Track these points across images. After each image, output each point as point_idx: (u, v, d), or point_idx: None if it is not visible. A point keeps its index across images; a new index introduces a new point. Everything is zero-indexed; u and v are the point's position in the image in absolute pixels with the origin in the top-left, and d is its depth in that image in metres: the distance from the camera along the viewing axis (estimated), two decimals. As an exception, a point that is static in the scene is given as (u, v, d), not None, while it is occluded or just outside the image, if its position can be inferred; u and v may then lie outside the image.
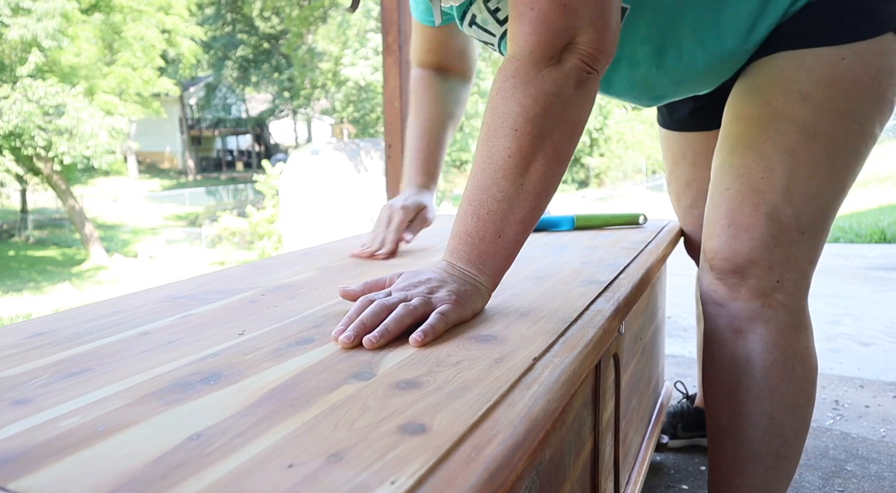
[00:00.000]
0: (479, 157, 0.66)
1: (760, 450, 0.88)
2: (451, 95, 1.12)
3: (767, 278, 0.84)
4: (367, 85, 19.73)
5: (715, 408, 0.92)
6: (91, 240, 17.10)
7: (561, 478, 0.57)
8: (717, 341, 0.90)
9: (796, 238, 0.83)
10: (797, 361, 0.87)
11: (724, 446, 0.91)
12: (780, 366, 0.86)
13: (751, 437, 0.88)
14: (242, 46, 25.04)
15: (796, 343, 0.86)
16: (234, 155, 29.91)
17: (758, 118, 0.84)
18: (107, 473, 0.33)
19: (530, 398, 0.42)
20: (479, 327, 0.59)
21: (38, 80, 14.41)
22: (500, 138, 0.64)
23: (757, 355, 0.86)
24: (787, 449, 0.88)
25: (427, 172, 1.08)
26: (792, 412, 0.87)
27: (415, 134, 1.10)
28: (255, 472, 0.33)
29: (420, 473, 0.32)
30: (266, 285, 0.79)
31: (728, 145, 0.88)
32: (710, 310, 0.90)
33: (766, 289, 0.84)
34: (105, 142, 15.15)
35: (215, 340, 0.57)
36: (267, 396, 0.43)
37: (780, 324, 0.85)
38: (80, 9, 15.34)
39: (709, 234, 0.88)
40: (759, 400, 0.87)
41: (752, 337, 0.86)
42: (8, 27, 13.94)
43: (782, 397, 0.87)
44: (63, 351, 0.55)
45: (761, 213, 0.83)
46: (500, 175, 0.64)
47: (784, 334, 0.85)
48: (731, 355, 0.88)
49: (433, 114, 1.10)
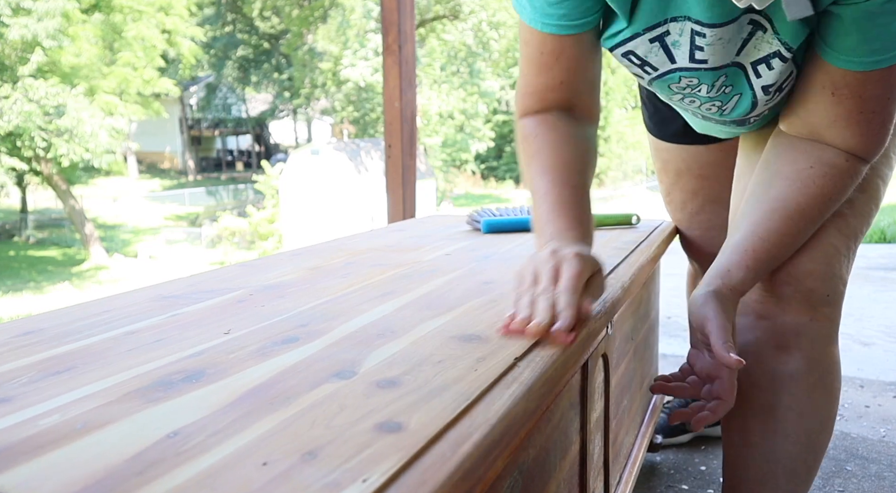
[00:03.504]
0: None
1: (796, 466, 0.84)
2: (587, 141, 0.83)
3: (822, 289, 0.80)
4: (367, 85, 19.74)
5: (745, 423, 0.86)
6: (91, 240, 17.11)
7: (546, 478, 0.57)
8: (754, 355, 0.84)
9: (852, 247, 0.82)
10: (834, 376, 0.84)
11: (752, 461, 0.86)
12: (822, 382, 0.83)
13: (787, 454, 0.84)
14: (242, 46, 25.06)
15: (832, 355, 0.84)
16: (234, 155, 29.93)
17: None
18: (82, 470, 0.33)
19: (509, 397, 0.43)
20: (463, 327, 0.59)
21: (39, 81, 14.43)
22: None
23: (801, 374, 0.82)
24: (815, 460, 0.86)
25: (580, 222, 0.73)
26: (826, 426, 0.85)
27: (547, 183, 0.76)
28: (229, 469, 0.33)
29: (392, 471, 0.32)
30: (255, 285, 0.79)
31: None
32: (749, 322, 0.84)
33: (816, 302, 0.80)
34: (105, 142, 15.17)
35: (201, 339, 0.57)
36: (247, 394, 0.43)
37: (823, 339, 0.82)
38: (80, 9, 15.35)
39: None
40: (801, 418, 0.83)
41: (796, 354, 0.82)
42: (8, 27, 13.96)
43: (820, 413, 0.84)
44: (49, 350, 0.55)
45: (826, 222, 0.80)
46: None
47: (826, 349, 0.83)
48: (770, 372, 0.83)
49: (569, 158, 0.78)
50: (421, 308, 0.66)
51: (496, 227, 1.17)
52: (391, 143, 2.48)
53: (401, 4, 2.37)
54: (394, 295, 0.71)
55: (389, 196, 2.52)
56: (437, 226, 1.30)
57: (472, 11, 20.14)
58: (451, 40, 20.32)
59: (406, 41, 2.41)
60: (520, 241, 1.09)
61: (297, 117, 28.50)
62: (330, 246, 1.08)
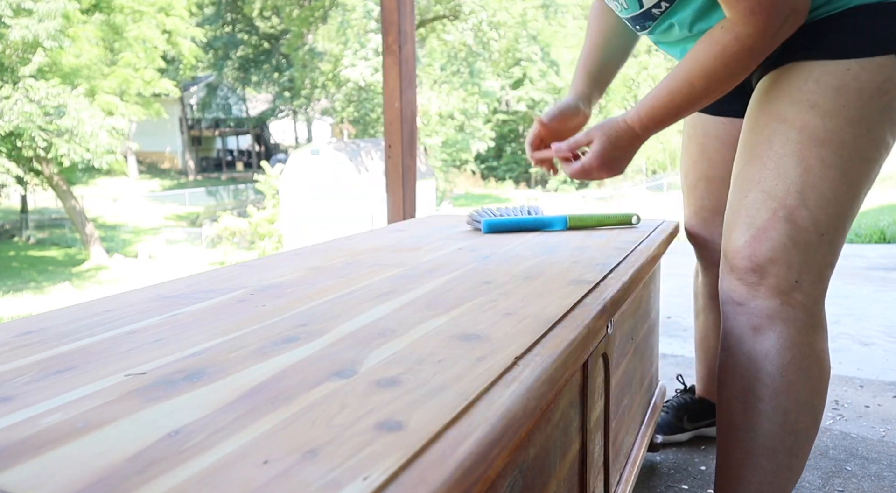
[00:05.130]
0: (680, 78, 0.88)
1: (774, 445, 0.89)
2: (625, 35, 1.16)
3: (786, 277, 0.86)
4: (367, 85, 19.74)
5: (729, 404, 0.93)
6: (91, 240, 17.12)
7: (546, 477, 0.58)
8: (736, 338, 0.91)
9: (814, 240, 0.86)
10: (812, 360, 0.89)
11: (736, 442, 0.92)
12: (797, 364, 0.88)
13: (765, 432, 0.89)
14: (242, 46, 25.07)
15: (813, 343, 0.88)
16: (234, 155, 29.94)
17: (770, 128, 0.89)
18: (83, 469, 0.34)
19: (509, 397, 0.43)
20: (463, 326, 0.59)
21: (40, 81, 14.44)
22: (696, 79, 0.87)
23: (775, 352, 0.88)
24: (798, 447, 0.90)
25: (592, 78, 1.16)
26: (806, 410, 0.89)
27: (585, 52, 1.17)
28: (230, 468, 0.33)
29: (393, 469, 0.32)
30: (256, 285, 0.79)
31: (744, 157, 0.93)
32: (729, 309, 0.92)
33: (785, 288, 0.87)
34: (105, 142, 15.19)
35: (201, 338, 0.57)
36: (248, 393, 0.43)
37: (798, 323, 0.87)
38: (80, 9, 15.36)
39: (729, 237, 0.91)
40: (776, 396, 0.88)
41: (770, 334, 0.88)
42: (9, 28, 13.96)
43: (797, 395, 0.88)
44: (50, 349, 0.55)
45: (779, 216, 0.86)
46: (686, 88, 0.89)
47: (802, 333, 0.87)
48: (748, 352, 0.90)
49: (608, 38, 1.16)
50: (421, 308, 0.66)
51: (496, 227, 1.18)
52: (391, 143, 2.49)
53: (401, 4, 2.37)
54: (394, 295, 0.72)
55: (389, 196, 2.52)
56: (437, 226, 1.30)
57: (472, 11, 20.13)
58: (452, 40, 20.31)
59: (406, 41, 2.41)
60: (520, 241, 1.09)
61: (298, 117, 28.51)
62: (330, 246, 1.08)
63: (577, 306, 0.66)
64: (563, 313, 0.62)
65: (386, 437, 0.36)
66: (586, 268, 0.84)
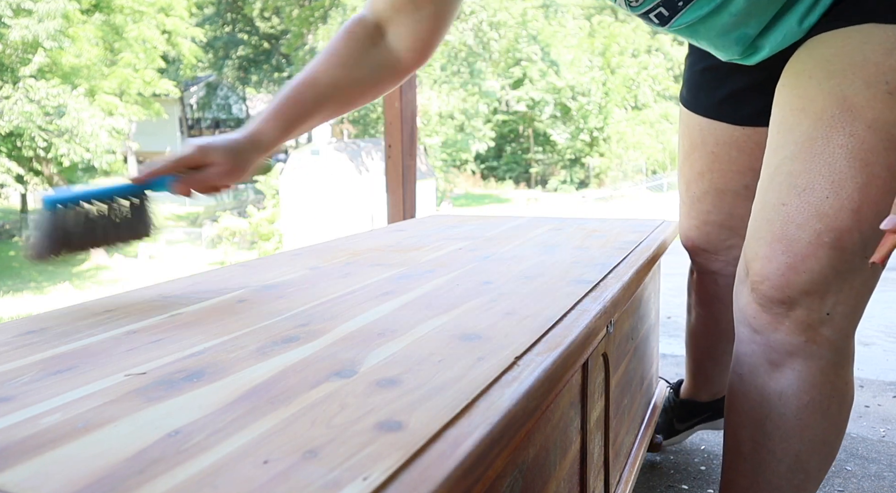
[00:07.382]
0: None
1: (781, 485, 0.81)
2: (372, 67, 0.84)
3: (818, 309, 0.73)
4: (367, 85, 19.73)
5: (736, 432, 0.85)
6: (92, 240, 17.09)
7: (546, 477, 0.58)
8: (748, 367, 0.81)
9: (858, 265, 0.71)
10: (834, 399, 0.78)
11: (742, 472, 0.85)
12: (816, 405, 0.78)
13: (773, 471, 0.81)
14: (243, 46, 25.08)
15: (836, 380, 0.77)
16: (234, 155, 29.89)
17: (828, 115, 0.70)
18: (83, 469, 0.34)
19: (509, 397, 0.43)
20: (463, 326, 0.59)
21: (40, 81, 14.45)
22: None
23: (792, 393, 0.78)
24: (808, 483, 0.82)
25: (277, 115, 0.84)
26: (819, 449, 0.80)
27: (291, 83, 0.86)
28: (229, 468, 0.33)
29: (393, 469, 0.33)
30: (256, 285, 0.79)
31: (786, 146, 0.74)
32: (744, 333, 0.81)
33: (813, 322, 0.74)
34: (105, 142, 15.21)
35: (201, 338, 0.57)
36: (247, 393, 0.43)
37: (821, 362, 0.76)
38: (80, 10, 15.37)
39: (756, 253, 0.77)
40: (788, 438, 0.79)
41: (788, 373, 0.77)
42: (9, 28, 13.97)
43: (812, 436, 0.79)
44: (51, 349, 0.55)
45: (823, 242, 0.70)
46: None
47: (824, 372, 0.76)
48: (761, 388, 0.80)
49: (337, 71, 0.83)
50: (421, 308, 0.66)
51: (60, 202, 0.78)
52: (391, 143, 2.49)
53: (401, 4, 2.37)
54: (394, 295, 0.72)
55: (389, 196, 2.52)
56: (437, 226, 1.30)
57: (472, 11, 20.14)
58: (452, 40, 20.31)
59: (406, 41, 2.40)
60: (520, 241, 1.09)
61: (298, 117, 28.47)
62: (330, 246, 1.08)
63: (577, 305, 0.66)
64: (563, 313, 0.62)
65: (386, 437, 0.36)
66: (586, 268, 0.84)
